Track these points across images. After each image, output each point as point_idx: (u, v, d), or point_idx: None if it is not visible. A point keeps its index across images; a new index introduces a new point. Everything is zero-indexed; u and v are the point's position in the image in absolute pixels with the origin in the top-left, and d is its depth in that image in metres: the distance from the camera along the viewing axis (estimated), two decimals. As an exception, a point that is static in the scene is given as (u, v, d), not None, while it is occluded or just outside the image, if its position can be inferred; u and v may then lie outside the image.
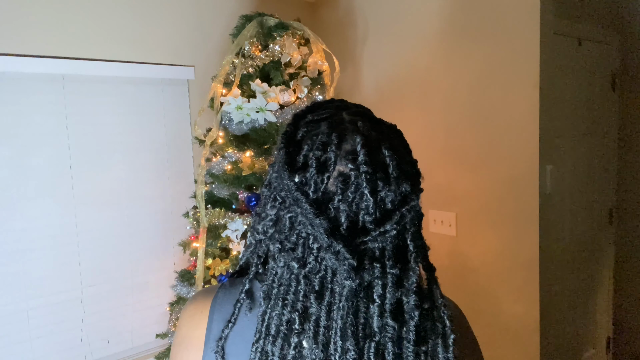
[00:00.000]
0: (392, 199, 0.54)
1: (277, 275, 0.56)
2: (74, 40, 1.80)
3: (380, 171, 0.54)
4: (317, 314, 0.52)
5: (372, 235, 0.52)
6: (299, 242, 0.55)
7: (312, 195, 0.54)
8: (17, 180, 1.72)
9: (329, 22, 2.54)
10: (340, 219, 0.53)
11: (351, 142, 0.55)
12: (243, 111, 1.59)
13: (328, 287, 0.53)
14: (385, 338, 0.51)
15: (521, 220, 1.81)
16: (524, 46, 1.73)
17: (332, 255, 0.51)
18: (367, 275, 0.52)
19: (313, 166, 0.54)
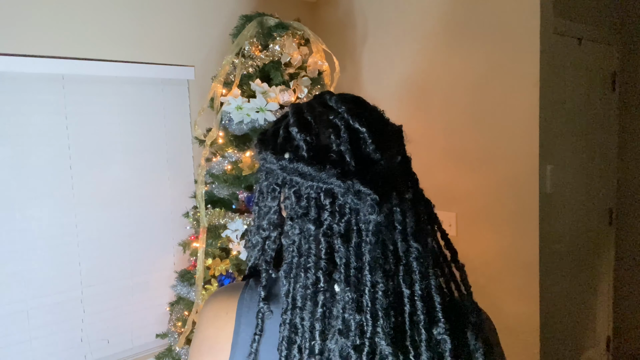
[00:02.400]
0: (383, 131, 0.56)
1: (296, 245, 0.54)
2: (74, 40, 1.79)
3: (362, 110, 0.57)
4: (346, 256, 0.51)
5: (381, 164, 0.52)
6: (310, 205, 0.54)
7: (307, 155, 0.54)
8: (17, 180, 1.72)
9: (329, 22, 2.54)
10: (346, 159, 0.52)
11: (323, 102, 0.58)
12: (243, 111, 1.59)
13: (354, 228, 0.52)
14: (410, 259, 0.52)
15: (521, 220, 1.80)
16: (524, 46, 1.73)
17: (354, 196, 0.51)
18: (387, 204, 0.52)
19: (295, 131, 0.55)
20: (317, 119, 0.56)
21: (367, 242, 0.51)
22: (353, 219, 0.52)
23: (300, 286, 0.53)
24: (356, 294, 0.50)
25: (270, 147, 0.57)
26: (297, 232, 0.54)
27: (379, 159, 0.53)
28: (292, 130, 0.56)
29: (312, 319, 0.51)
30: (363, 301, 0.50)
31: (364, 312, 0.49)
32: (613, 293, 2.49)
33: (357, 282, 0.50)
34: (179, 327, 1.74)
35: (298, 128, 0.55)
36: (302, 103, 0.61)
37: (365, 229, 0.51)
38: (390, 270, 0.51)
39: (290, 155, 0.55)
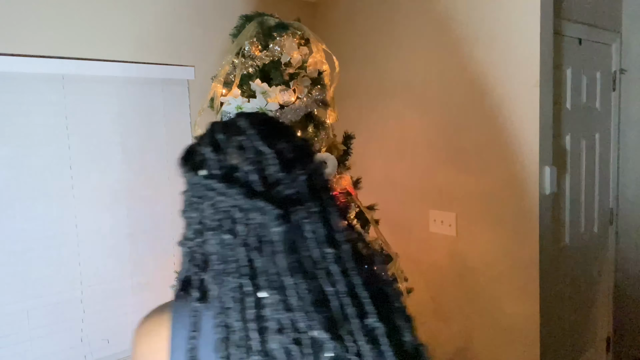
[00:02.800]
0: (290, 149, 0.62)
1: (218, 254, 0.60)
2: (74, 40, 1.79)
3: (270, 128, 0.64)
4: (262, 265, 0.57)
5: (284, 183, 0.59)
6: (224, 218, 0.59)
7: (219, 173, 0.60)
8: (17, 180, 1.72)
9: (329, 22, 2.54)
10: (253, 180, 0.59)
11: (235, 126, 0.64)
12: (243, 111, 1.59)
13: (264, 240, 0.58)
14: (327, 263, 0.58)
15: (521, 221, 1.81)
16: (524, 46, 1.73)
17: (258, 213, 0.57)
18: (294, 217, 0.58)
19: (209, 150, 0.62)
20: (228, 141, 0.62)
21: (279, 252, 0.57)
22: (262, 232, 0.58)
23: (227, 289, 0.57)
24: (281, 296, 0.55)
25: (188, 164, 0.65)
26: (217, 243, 0.60)
27: (282, 178, 0.59)
28: (206, 151, 0.62)
29: (244, 319, 0.55)
30: (290, 301, 0.55)
31: (294, 310, 0.54)
32: (613, 293, 2.49)
33: (279, 285, 0.55)
34: (179, 327, 1.74)
35: (211, 148, 0.62)
36: (219, 123, 0.68)
37: (275, 240, 0.57)
38: (310, 273, 0.57)
39: (205, 173, 0.61)
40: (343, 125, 1.85)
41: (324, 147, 1.70)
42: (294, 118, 1.63)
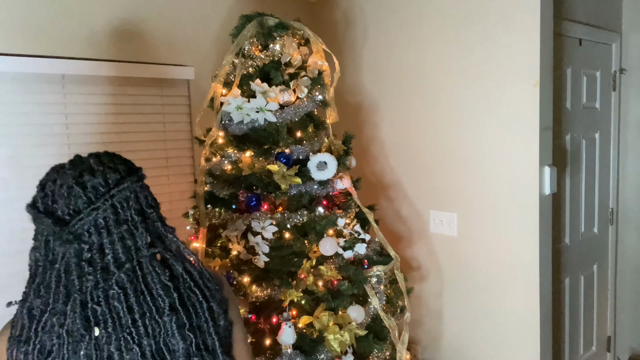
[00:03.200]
0: (102, 183, 0.76)
1: (33, 270, 0.77)
2: (74, 40, 1.79)
3: (83, 169, 0.77)
4: (49, 276, 0.74)
5: (84, 213, 0.73)
6: (41, 240, 0.75)
7: (41, 207, 0.76)
8: (17, 180, 1.72)
9: (329, 22, 2.54)
10: (64, 212, 0.74)
11: (61, 167, 0.81)
12: (243, 111, 1.59)
13: (70, 262, 0.72)
14: (122, 274, 0.73)
15: (521, 221, 1.81)
16: (524, 46, 1.73)
17: (58, 240, 0.72)
18: (96, 239, 0.73)
19: (38, 190, 0.78)
20: (54, 181, 0.77)
21: (61, 266, 0.73)
22: (66, 256, 0.73)
23: (29, 299, 0.77)
24: (60, 306, 0.72)
25: (34, 206, 0.78)
26: (33, 259, 0.77)
27: (81, 209, 0.73)
28: (38, 192, 0.78)
29: (35, 323, 0.74)
30: (68, 310, 0.72)
31: (66, 314, 0.72)
32: (613, 293, 2.49)
33: (62, 299, 0.72)
34: (179, 327, 1.74)
35: (40, 187, 0.78)
36: (56, 166, 0.83)
37: (60, 254, 0.74)
38: (87, 286, 0.72)
39: (36, 207, 0.76)
40: (343, 126, 1.85)
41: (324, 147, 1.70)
42: (294, 118, 1.63)
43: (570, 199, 2.13)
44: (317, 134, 1.71)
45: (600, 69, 2.27)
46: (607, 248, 2.44)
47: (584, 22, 2.11)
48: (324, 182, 1.61)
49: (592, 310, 2.35)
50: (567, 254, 2.13)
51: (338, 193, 1.71)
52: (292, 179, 1.56)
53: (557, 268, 2.02)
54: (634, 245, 2.45)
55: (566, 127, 2.07)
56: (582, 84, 2.16)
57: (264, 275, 1.59)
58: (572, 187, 2.13)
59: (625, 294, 2.50)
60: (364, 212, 1.70)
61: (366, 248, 1.63)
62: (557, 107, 1.93)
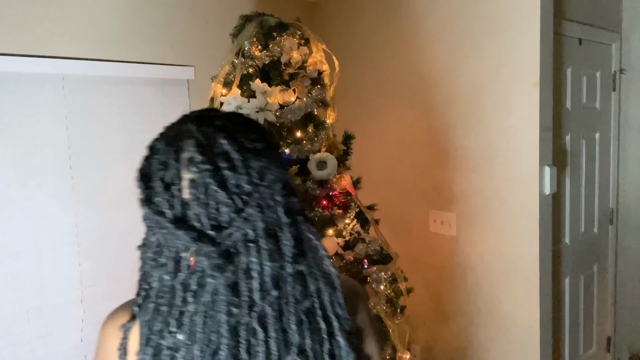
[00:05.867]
0: (248, 180, 0.56)
1: (153, 290, 0.59)
2: (74, 40, 1.79)
3: (223, 161, 0.56)
4: (193, 310, 0.55)
5: (234, 225, 0.55)
6: (170, 257, 0.58)
7: (170, 212, 0.57)
8: (18, 180, 1.72)
9: (329, 22, 2.54)
10: (203, 222, 0.56)
11: (187, 148, 0.58)
12: (243, 111, 1.59)
13: (202, 285, 0.56)
14: (266, 306, 0.55)
15: (521, 221, 1.80)
16: (524, 46, 1.73)
17: (204, 258, 0.55)
18: (244, 258, 0.56)
19: (160, 187, 0.58)
20: (179, 171, 0.57)
21: (209, 301, 0.55)
22: (202, 278, 0.56)
23: (154, 330, 0.57)
24: (197, 346, 0.54)
25: (142, 191, 0.61)
26: (156, 280, 0.59)
27: (234, 219, 0.56)
28: (157, 186, 0.58)
29: (158, 354, 0.56)
30: (206, 355, 0.54)
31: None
32: (613, 293, 2.49)
33: (200, 336, 0.55)
34: (179, 327, 1.74)
35: (163, 184, 0.58)
36: (173, 134, 0.62)
37: (210, 291, 0.55)
38: (241, 321, 0.55)
39: (154, 207, 0.59)
40: (343, 125, 1.85)
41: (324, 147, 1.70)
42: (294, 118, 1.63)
43: (570, 199, 2.13)
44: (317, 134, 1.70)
45: (600, 69, 2.27)
46: (607, 248, 2.44)
47: (584, 22, 2.11)
48: (323, 182, 1.61)
49: (592, 310, 2.35)
50: (567, 254, 2.13)
51: (338, 193, 1.71)
52: (292, 179, 1.56)
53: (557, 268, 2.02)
54: (634, 245, 2.45)
55: (566, 127, 2.07)
56: (582, 84, 2.16)
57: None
58: (572, 187, 2.13)
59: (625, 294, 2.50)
60: (364, 212, 1.70)
61: (366, 248, 1.63)
62: (557, 107, 1.93)
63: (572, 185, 2.13)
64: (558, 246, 2.05)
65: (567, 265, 2.14)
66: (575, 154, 2.14)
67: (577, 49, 2.10)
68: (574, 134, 2.12)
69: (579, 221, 2.21)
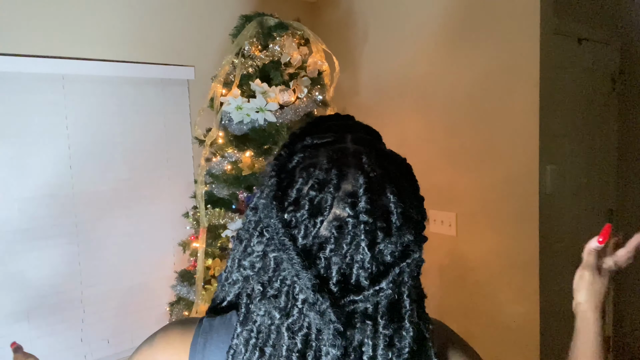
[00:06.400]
0: (392, 251, 0.49)
1: (257, 324, 0.51)
2: (74, 40, 1.80)
3: (381, 220, 0.48)
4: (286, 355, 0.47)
5: (364, 295, 0.47)
6: (282, 290, 0.49)
7: (301, 240, 0.48)
8: (17, 180, 1.72)
9: (329, 22, 2.54)
10: (331, 272, 0.48)
11: (352, 182, 0.49)
12: (243, 111, 1.59)
13: (312, 345, 0.48)
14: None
15: (521, 220, 1.80)
16: (524, 46, 1.73)
17: (317, 314, 0.47)
18: (358, 335, 0.48)
19: (305, 208, 0.48)
20: (333, 206, 0.48)
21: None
22: (312, 336, 0.48)
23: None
24: None
25: (278, 189, 0.51)
26: (262, 313, 0.50)
27: (364, 288, 0.48)
28: (304, 203, 0.48)
29: None
30: None
31: None
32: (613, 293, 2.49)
33: None
34: (179, 327, 1.74)
35: (310, 206, 0.48)
36: (341, 158, 0.51)
37: (323, 355, 0.47)
38: None
39: (287, 222, 0.49)
40: (343, 125, 1.84)
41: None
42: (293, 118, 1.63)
43: (570, 199, 2.13)
44: (317, 134, 1.70)
45: (600, 69, 2.27)
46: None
47: (584, 22, 2.11)
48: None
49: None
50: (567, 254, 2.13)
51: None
52: (292, 179, 1.56)
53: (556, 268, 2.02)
54: (634, 245, 2.45)
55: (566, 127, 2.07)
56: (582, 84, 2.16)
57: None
58: (572, 187, 2.13)
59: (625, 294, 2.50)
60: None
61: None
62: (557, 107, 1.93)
63: (572, 185, 2.13)
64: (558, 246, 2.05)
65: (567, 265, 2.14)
66: (575, 153, 2.14)
67: (577, 49, 2.10)
68: (574, 134, 2.12)
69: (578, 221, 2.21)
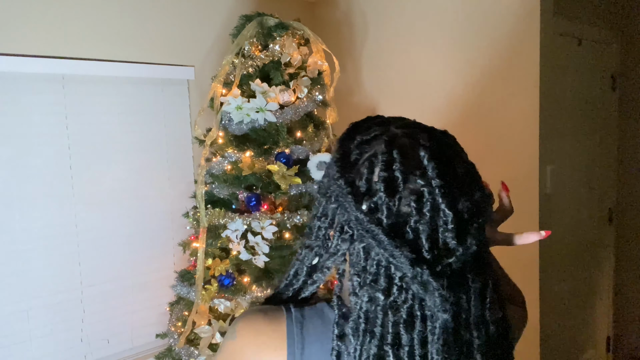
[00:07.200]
0: (469, 208, 0.52)
1: (363, 310, 0.52)
2: (74, 40, 1.79)
3: (454, 181, 0.52)
4: (409, 344, 0.50)
5: (457, 256, 0.50)
6: (380, 272, 0.51)
7: (385, 221, 0.50)
8: (17, 180, 1.72)
9: (329, 22, 2.54)
10: (421, 242, 0.50)
11: (416, 156, 0.52)
12: (243, 111, 1.59)
13: (417, 314, 0.50)
14: (473, 351, 0.52)
15: (521, 221, 1.80)
16: (524, 46, 1.73)
17: (419, 286, 0.49)
18: (460, 294, 0.51)
19: (381, 189, 0.51)
20: (406, 181, 0.51)
21: (435, 340, 0.50)
22: (417, 306, 0.50)
23: (366, 349, 0.52)
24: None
25: (349, 185, 0.53)
26: (366, 300, 0.52)
27: (455, 248, 0.50)
28: (378, 186, 0.51)
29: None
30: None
31: None
32: (613, 293, 2.49)
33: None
34: (178, 327, 1.74)
35: (384, 186, 0.50)
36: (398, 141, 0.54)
37: (431, 323, 0.50)
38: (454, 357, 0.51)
39: (367, 210, 0.51)
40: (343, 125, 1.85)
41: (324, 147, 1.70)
42: (294, 118, 1.63)
43: (570, 199, 2.13)
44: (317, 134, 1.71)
45: (600, 69, 2.27)
46: (607, 248, 2.44)
47: (584, 22, 2.11)
48: (324, 182, 1.61)
49: (592, 310, 2.35)
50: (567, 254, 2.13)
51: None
52: (292, 179, 1.56)
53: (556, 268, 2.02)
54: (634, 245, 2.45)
55: (566, 127, 2.07)
56: (582, 84, 2.16)
57: (264, 275, 1.59)
58: (572, 187, 2.13)
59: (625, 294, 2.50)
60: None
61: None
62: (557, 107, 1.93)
63: (572, 185, 2.13)
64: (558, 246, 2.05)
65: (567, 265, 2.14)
66: (575, 154, 2.14)
67: (577, 49, 2.10)
68: (574, 134, 2.12)
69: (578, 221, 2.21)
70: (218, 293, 1.62)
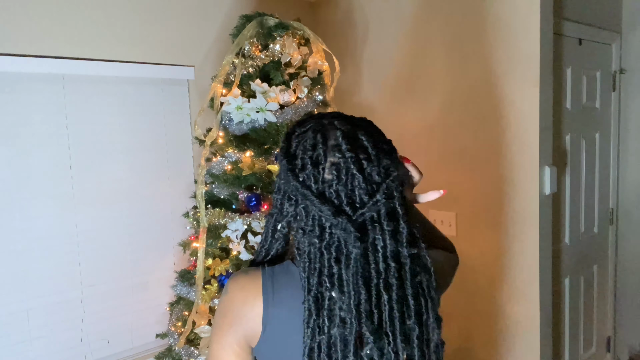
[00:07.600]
0: (377, 172, 0.70)
1: (306, 252, 0.71)
2: (74, 40, 1.79)
3: (362, 153, 0.70)
4: (338, 272, 0.69)
5: (367, 207, 0.69)
6: (315, 224, 0.70)
7: (314, 186, 0.70)
8: (17, 180, 1.72)
9: (329, 22, 2.54)
10: (341, 199, 0.69)
11: (334, 138, 0.71)
12: (243, 111, 1.59)
13: (343, 251, 0.69)
14: (389, 276, 0.69)
15: (521, 221, 1.81)
16: (524, 46, 1.73)
17: (341, 231, 0.68)
18: (371, 234, 0.69)
19: (309, 164, 0.71)
20: (326, 156, 0.70)
21: (353, 265, 0.68)
22: (342, 245, 0.69)
23: (312, 280, 0.70)
24: (348, 299, 0.68)
25: (289, 164, 0.72)
26: (307, 245, 0.71)
27: (366, 202, 0.69)
28: (306, 162, 0.71)
29: (319, 308, 0.69)
30: (351, 305, 0.67)
31: (352, 312, 0.67)
32: (613, 293, 2.49)
33: (347, 291, 0.68)
34: (179, 327, 1.74)
35: (311, 162, 0.70)
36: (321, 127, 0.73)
37: (351, 254, 0.69)
38: (372, 282, 0.68)
39: (302, 181, 0.71)
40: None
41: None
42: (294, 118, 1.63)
43: (570, 199, 2.13)
44: (317, 134, 1.70)
45: (600, 69, 2.27)
46: (607, 248, 2.44)
47: (584, 22, 2.11)
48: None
49: (592, 310, 2.35)
50: (567, 254, 2.13)
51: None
52: (292, 179, 1.56)
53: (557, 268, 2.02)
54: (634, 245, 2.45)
55: (566, 127, 2.07)
56: (582, 84, 2.16)
57: (264, 275, 1.58)
58: (572, 187, 2.13)
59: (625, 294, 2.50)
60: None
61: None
62: (557, 107, 1.93)
63: (572, 185, 2.13)
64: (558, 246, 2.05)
65: (567, 265, 2.14)
66: (575, 154, 2.14)
67: (577, 49, 2.10)
68: (574, 134, 2.12)
69: (578, 221, 2.21)
70: (218, 293, 1.63)
